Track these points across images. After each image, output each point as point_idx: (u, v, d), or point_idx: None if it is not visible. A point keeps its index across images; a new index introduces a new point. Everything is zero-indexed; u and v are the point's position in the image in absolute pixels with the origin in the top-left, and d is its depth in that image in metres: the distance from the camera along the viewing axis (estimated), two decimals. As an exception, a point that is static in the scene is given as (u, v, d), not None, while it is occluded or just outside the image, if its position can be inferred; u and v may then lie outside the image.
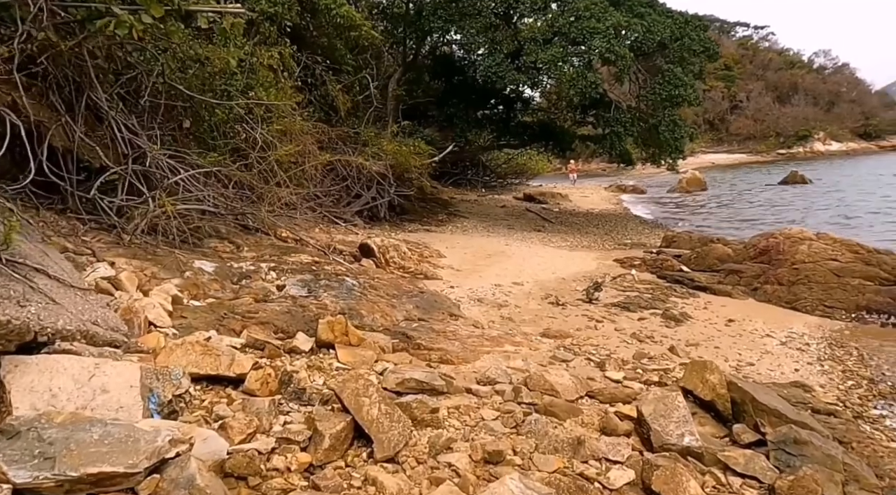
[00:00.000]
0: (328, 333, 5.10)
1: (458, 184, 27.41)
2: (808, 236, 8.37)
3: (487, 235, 14.27)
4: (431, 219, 16.74)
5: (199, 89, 7.92)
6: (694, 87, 14.50)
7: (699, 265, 9.33)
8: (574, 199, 27.74)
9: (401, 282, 7.77)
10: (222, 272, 6.65)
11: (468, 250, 11.29)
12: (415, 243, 11.01)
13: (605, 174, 60.23)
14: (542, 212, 20.78)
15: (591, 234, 15.83)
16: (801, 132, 75.54)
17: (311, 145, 9.16)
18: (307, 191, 9.56)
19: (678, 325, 7.09)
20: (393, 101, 15.96)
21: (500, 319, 7.06)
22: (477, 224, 16.20)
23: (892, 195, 24.49)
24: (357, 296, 6.61)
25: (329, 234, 11.12)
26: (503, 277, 9.09)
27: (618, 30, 13.05)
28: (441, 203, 19.82)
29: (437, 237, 13.07)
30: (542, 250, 12.20)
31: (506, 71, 13.86)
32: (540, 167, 31.10)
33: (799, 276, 7.85)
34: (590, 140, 20.05)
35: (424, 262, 9.77)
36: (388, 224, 14.66)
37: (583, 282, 9.13)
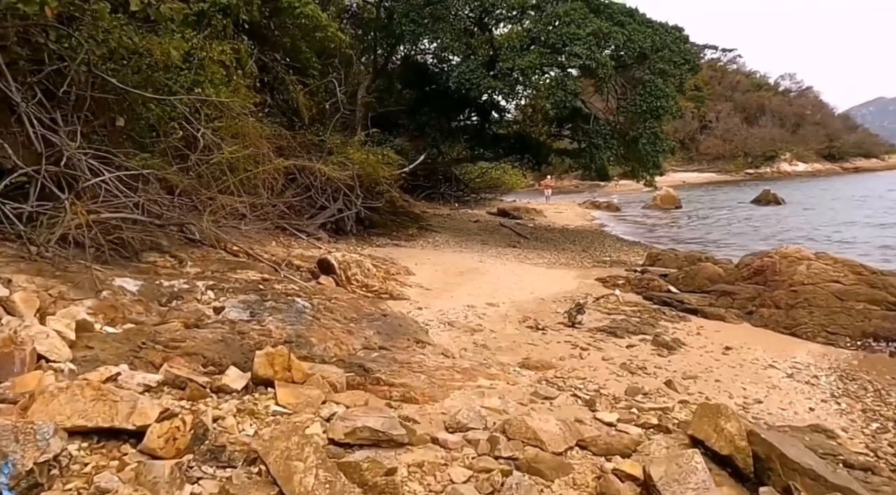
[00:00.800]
0: (267, 368, 4.21)
1: (431, 197, 26.64)
2: (807, 256, 7.76)
3: (460, 251, 13.47)
4: (401, 233, 15.89)
5: (136, 84, 6.99)
6: (675, 99, 14.04)
7: (688, 285, 8.65)
8: (548, 215, 27.21)
9: (362, 303, 6.89)
10: (149, 291, 5.69)
11: (439, 267, 10.46)
12: (381, 259, 10.14)
13: (578, 191, 60.39)
14: (516, 228, 20.10)
15: (568, 251, 15.15)
16: (768, 152, 77.14)
17: (267, 150, 8.25)
18: (261, 200, 8.63)
19: (671, 354, 6.34)
20: (362, 109, 15.16)
21: (474, 346, 6.23)
22: (449, 239, 15.40)
23: (864, 216, 24.52)
24: (308, 321, 5.71)
25: (287, 248, 10.18)
26: (477, 297, 8.27)
27: (598, 37, 12.51)
28: (412, 217, 19.00)
29: (407, 252, 12.21)
30: (518, 267, 11.43)
31: (480, 78, 13.18)
32: (514, 182, 30.50)
33: (798, 299, 7.21)
34: (566, 154, 19.49)
35: (391, 280, 8.90)
36: (355, 238, 13.78)
37: (563, 303, 8.36)
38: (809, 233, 19.28)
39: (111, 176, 5.68)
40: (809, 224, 22.62)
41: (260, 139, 8.28)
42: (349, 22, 15.84)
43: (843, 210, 27.93)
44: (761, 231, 20.28)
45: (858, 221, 22.65)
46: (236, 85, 8.68)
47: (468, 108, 17.57)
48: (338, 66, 14.09)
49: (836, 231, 19.83)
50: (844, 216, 24.84)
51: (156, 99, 6.83)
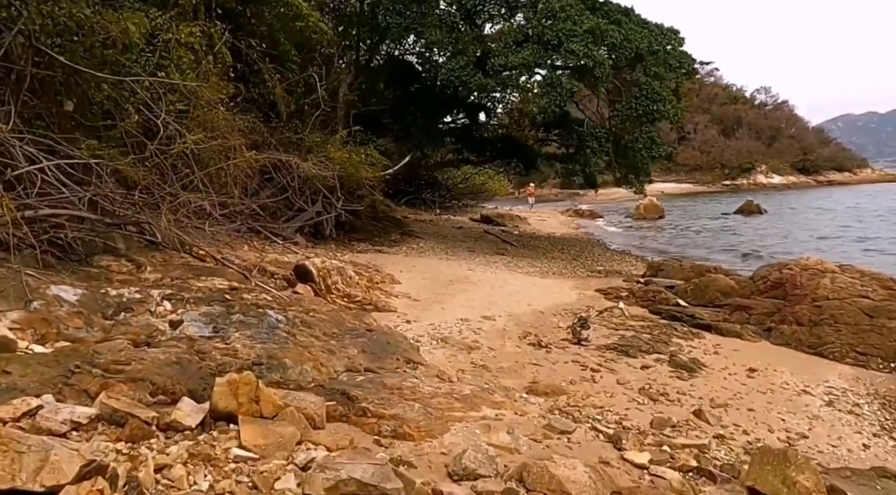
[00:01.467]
0: (229, 399, 3.40)
1: (412, 203, 25.87)
2: (830, 268, 7.17)
3: (447, 258, 12.71)
4: (384, 238, 15.10)
5: (88, 64, 6.12)
6: (673, 103, 13.51)
7: (698, 299, 8.02)
8: (532, 223, 26.63)
9: (344, 316, 6.08)
10: (92, 301, 4.83)
11: (427, 275, 9.69)
12: (364, 266, 9.34)
13: (558, 199, 60.23)
14: (501, 235, 19.44)
15: (559, 260, 14.49)
16: (744, 164, 78.09)
17: (239, 144, 7.41)
18: (232, 199, 7.78)
19: (692, 376, 5.66)
20: (343, 107, 14.34)
21: (472, 367, 5.46)
22: (434, 245, 14.64)
23: (841, 228, 24.46)
24: (282, 338, 4.90)
25: (260, 253, 9.32)
26: (470, 310, 7.52)
27: (595, 35, 11.91)
28: (394, 222, 18.24)
29: (391, 259, 11.42)
30: (510, 277, 10.71)
31: (470, 76, 12.48)
32: (498, 188, 29.86)
33: (823, 316, 6.60)
34: (556, 159, 18.89)
35: (375, 290, 8.10)
36: (335, 243, 12.96)
37: (564, 316, 7.65)
38: (802, 241, 19.01)
39: (50, 164, 4.81)
40: (799, 233, 22.42)
41: (231, 132, 7.44)
42: (330, 16, 15.02)
43: (822, 220, 27.91)
44: (751, 241, 19.96)
45: (846, 234, 22.48)
46: (206, 72, 7.83)
47: (455, 109, 16.84)
48: (318, 61, 13.28)
49: (823, 239, 19.61)
50: (829, 227, 24.74)
51: (110, 80, 5.96)
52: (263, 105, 11.76)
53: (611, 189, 59.95)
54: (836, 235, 21.48)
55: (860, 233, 21.80)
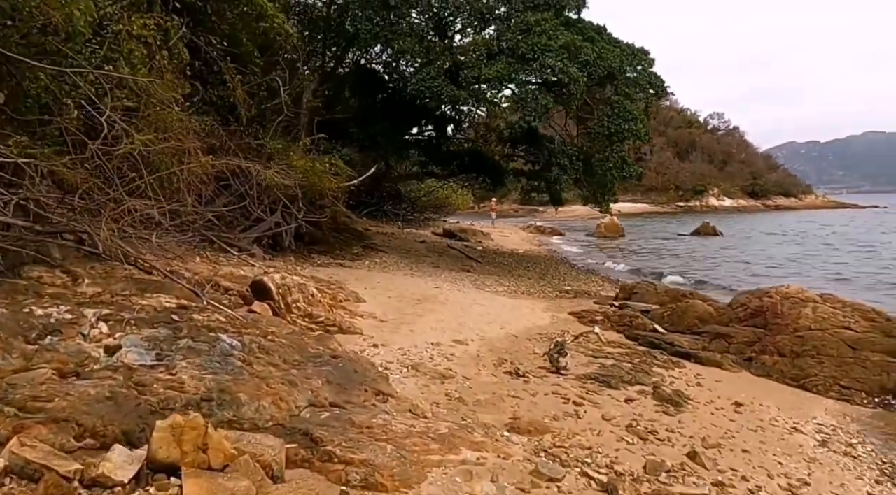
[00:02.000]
0: (171, 447, 2.87)
1: (374, 215, 25.29)
2: (811, 297, 7.03)
3: (412, 274, 12.23)
4: (345, 251, 14.52)
5: (24, 51, 5.45)
6: (644, 123, 13.47)
7: (676, 325, 7.78)
8: (495, 239, 26.43)
9: (306, 339, 5.54)
10: (13, 322, 4.19)
11: (392, 293, 9.18)
12: (326, 282, 8.77)
13: (518, 215, 60.57)
14: (465, 251, 19.08)
15: (526, 278, 14.19)
16: (697, 187, 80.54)
17: (194, 147, 6.79)
18: (185, 206, 7.14)
19: (679, 411, 5.33)
20: (307, 113, 13.77)
21: (447, 400, 5.00)
22: (398, 260, 14.14)
23: (798, 254, 25.12)
24: (236, 367, 4.33)
25: (214, 266, 8.65)
26: (441, 332, 7.05)
27: (570, 50, 11.74)
28: (356, 234, 17.67)
29: (353, 274, 10.87)
30: (479, 296, 10.30)
31: (442, 86, 12.12)
32: (461, 202, 29.57)
33: (805, 347, 6.41)
34: (523, 175, 18.67)
35: (339, 309, 7.55)
36: (294, 255, 12.32)
37: (540, 341, 7.27)
38: (765, 266, 19.34)
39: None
40: (759, 257, 22.87)
41: (186, 134, 6.82)
42: (296, 20, 14.46)
43: (780, 245, 28.65)
44: (715, 264, 20.22)
45: (806, 260, 23.03)
46: (160, 68, 7.19)
47: (423, 120, 16.44)
48: (282, 65, 12.69)
49: (776, 264, 19.99)
50: (787, 252, 25.35)
51: (49, 71, 5.31)
52: (222, 108, 11.10)
53: (570, 206, 60.65)
54: (796, 260, 22.02)
55: (820, 259, 22.38)
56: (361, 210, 24.62)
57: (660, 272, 17.59)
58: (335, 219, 18.49)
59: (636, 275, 17.32)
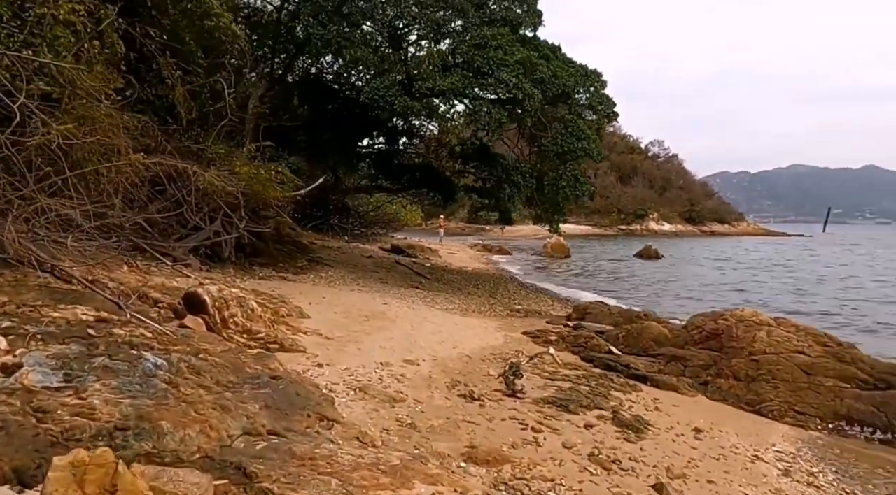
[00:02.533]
0: (70, 490, 2.37)
1: (320, 229, 24.60)
2: (766, 320, 7.01)
3: (359, 289, 11.74)
4: (289, 264, 13.88)
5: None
6: (597, 143, 13.54)
7: (631, 346, 7.64)
8: (443, 256, 26.15)
9: (243, 358, 5.02)
10: None
11: (339, 308, 8.69)
12: (268, 295, 8.21)
13: (465, 233, 60.71)
14: (413, 267, 18.70)
15: (476, 296, 13.91)
16: (638, 211, 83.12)
17: (124, 145, 6.19)
18: (112, 210, 6.50)
19: (640, 438, 5.10)
20: (253, 119, 13.16)
21: (398, 426, 4.59)
22: (344, 275, 13.61)
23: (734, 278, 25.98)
24: (160, 390, 3.80)
25: (144, 276, 7.96)
26: (390, 352, 6.64)
27: (526, 67, 11.67)
28: (301, 247, 17.02)
29: (298, 288, 10.31)
30: (429, 313, 9.92)
31: (395, 96, 11.79)
32: (410, 218, 29.21)
33: (760, 371, 6.36)
34: (474, 192, 18.49)
35: (280, 325, 7.02)
36: (234, 267, 11.64)
37: (494, 362, 6.96)
38: (706, 287, 19.82)
39: None
40: (700, 278, 23.49)
41: (115, 130, 6.22)
42: (245, 23, 13.89)
43: (718, 267, 29.61)
44: (660, 285, 20.60)
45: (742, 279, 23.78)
46: (90, 58, 6.57)
47: (375, 132, 16.02)
48: (228, 68, 12.10)
49: (716, 288, 20.56)
50: (725, 274, 26.17)
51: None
52: (160, 108, 10.41)
53: (516, 226, 61.27)
54: (734, 283, 22.73)
55: (757, 283, 23.13)
56: (308, 223, 23.91)
57: (609, 292, 17.70)
58: (279, 231, 17.80)
59: (585, 292, 17.38)
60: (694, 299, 16.98)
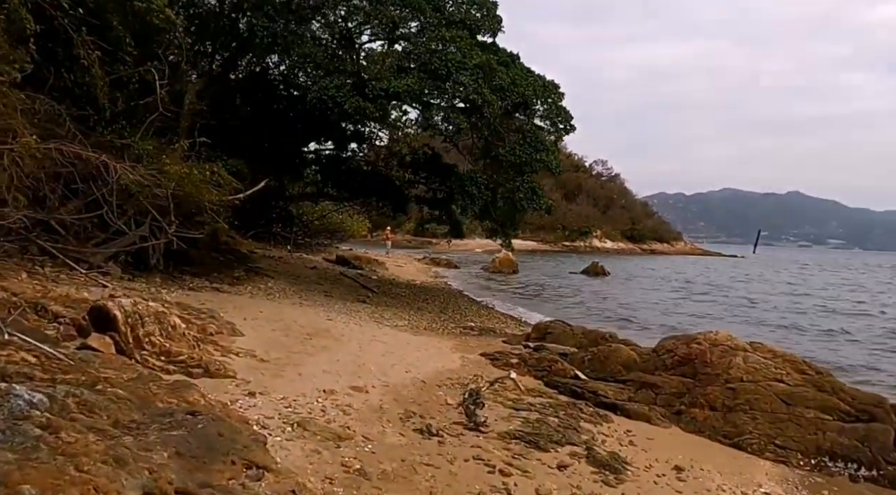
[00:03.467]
0: None
1: (262, 237, 23.33)
2: (741, 345, 6.60)
3: (301, 303, 10.82)
4: (225, 275, 12.80)
5: None
6: (556, 155, 13.13)
7: (598, 371, 7.09)
8: (391, 268, 25.33)
9: (154, 389, 4.14)
10: None
11: (277, 325, 7.80)
12: (196, 310, 7.23)
13: (412, 245, 59.90)
14: (360, 279, 17.81)
15: (426, 312, 13.18)
16: (582, 228, 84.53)
17: (20, 125, 5.20)
18: (6, 207, 5.47)
19: (619, 480, 4.50)
20: (188, 116, 12.11)
21: (344, 473, 3.81)
22: (286, 287, 12.64)
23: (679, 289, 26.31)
24: (30, 438, 2.91)
25: (46, 284, 6.87)
26: (335, 377, 5.83)
27: (485, 71, 11.15)
28: (239, 256, 15.88)
29: (233, 301, 9.33)
30: (378, 331, 9.12)
31: (346, 97, 11.01)
32: (356, 229, 28.19)
33: (738, 400, 5.91)
34: (424, 202, 17.78)
35: (208, 344, 6.09)
36: (162, 276, 10.55)
37: (451, 388, 6.25)
38: (659, 304, 19.81)
39: None
40: (650, 295, 23.61)
41: (12, 112, 5.22)
42: (182, 12, 12.82)
43: (663, 282, 29.97)
44: (612, 301, 20.49)
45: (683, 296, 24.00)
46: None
47: (323, 136, 15.08)
48: (162, 59, 11.03)
49: (669, 304, 20.62)
50: (672, 289, 26.44)
51: None
52: (80, 96, 9.29)
53: (463, 240, 60.84)
54: (684, 298, 22.95)
55: (707, 302, 23.41)
56: (248, 230, 22.63)
57: (561, 309, 17.33)
58: (216, 238, 16.56)
59: (538, 310, 16.94)
60: (653, 316, 16.79)
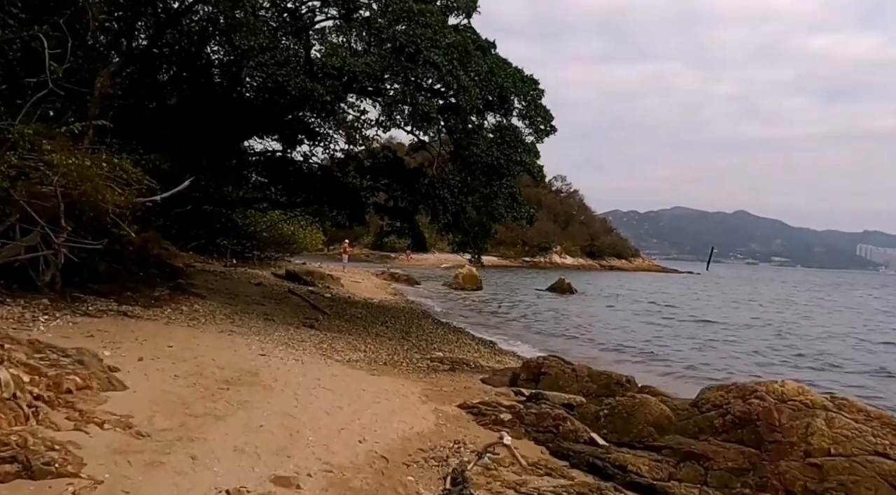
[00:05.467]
0: None
1: (203, 249, 20.92)
2: (819, 402, 4.88)
3: (231, 332, 8.70)
4: (142, 294, 10.57)
5: None
6: (537, 157, 11.42)
7: (620, 433, 5.29)
8: (346, 284, 23.17)
9: None
10: None
11: (186, 367, 5.73)
12: (59, 350, 5.12)
13: (369, 260, 57.64)
14: (310, 298, 15.69)
15: (386, 338, 11.19)
16: (542, 244, 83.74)
17: None
18: None
19: None
20: (100, 102, 9.94)
21: None
22: (218, 309, 10.48)
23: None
24: None
25: None
26: (252, 459, 3.86)
27: (461, 52, 9.35)
28: (171, 271, 13.65)
29: (138, 331, 7.20)
30: (325, 371, 7.11)
31: (290, 76, 9.01)
32: (309, 241, 25.86)
33: (827, 484, 4.21)
34: (385, 211, 15.79)
35: (58, 408, 4.04)
36: (52, 298, 8.36)
37: (424, 466, 4.35)
38: (639, 327, 18.35)
39: None
40: (628, 315, 22.20)
41: None
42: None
43: (637, 303, 28.76)
44: (590, 322, 18.94)
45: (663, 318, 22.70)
46: None
47: (267, 129, 12.85)
48: (63, 28, 8.87)
49: (649, 326, 19.23)
50: (647, 311, 25.15)
51: None
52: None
53: (422, 254, 58.86)
54: (665, 320, 21.65)
55: (679, 322, 22.14)
56: (187, 242, 20.21)
57: (536, 333, 15.61)
58: (146, 250, 14.33)
59: (513, 333, 15.18)
60: (649, 346, 15.00)
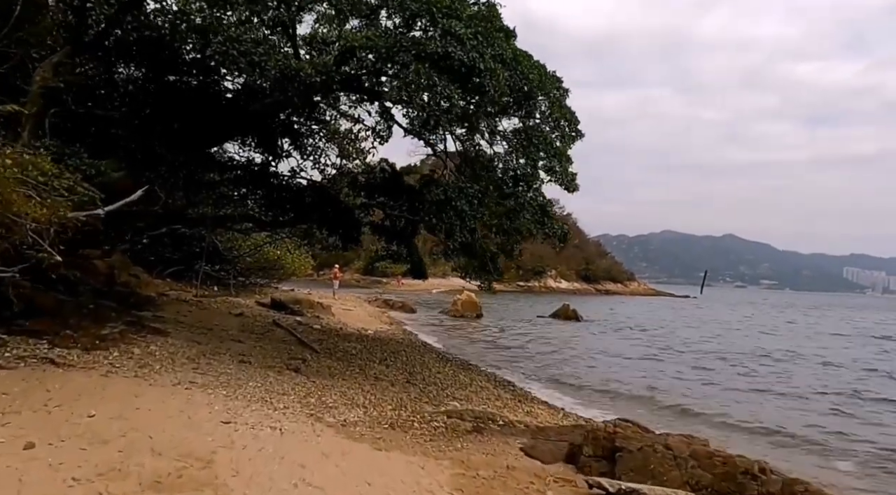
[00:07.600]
0: None
1: (182, 276, 18.93)
2: None
3: (190, 382, 6.70)
4: (86, 332, 8.57)
5: None
6: (569, 163, 9.53)
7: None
8: (337, 313, 21.15)
9: None
10: None
11: (99, 453, 3.77)
12: None
13: (360, 285, 55.61)
14: (297, 330, 13.71)
15: (387, 382, 9.20)
16: (537, 268, 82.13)
17: None
18: None
19: None
20: (38, 99, 8.09)
21: None
22: (181, 349, 8.47)
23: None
24: None
25: None
26: None
27: (484, 28, 7.55)
28: (134, 301, 11.68)
29: (58, 388, 5.20)
30: (311, 446, 5.12)
31: (270, 52, 7.16)
32: (297, 265, 23.80)
33: None
34: (381, 232, 13.82)
35: None
36: (-42, 339, 6.38)
37: None
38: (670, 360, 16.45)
39: None
40: (662, 354, 20.32)
41: None
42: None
43: (640, 331, 26.95)
44: (621, 362, 17.08)
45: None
46: None
47: (247, 129, 10.69)
48: None
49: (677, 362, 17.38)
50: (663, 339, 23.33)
51: None
52: None
53: (413, 279, 56.87)
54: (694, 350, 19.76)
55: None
56: (164, 268, 18.23)
57: (557, 369, 13.68)
58: (111, 278, 12.44)
59: (529, 371, 13.23)
60: (702, 397, 12.77)
